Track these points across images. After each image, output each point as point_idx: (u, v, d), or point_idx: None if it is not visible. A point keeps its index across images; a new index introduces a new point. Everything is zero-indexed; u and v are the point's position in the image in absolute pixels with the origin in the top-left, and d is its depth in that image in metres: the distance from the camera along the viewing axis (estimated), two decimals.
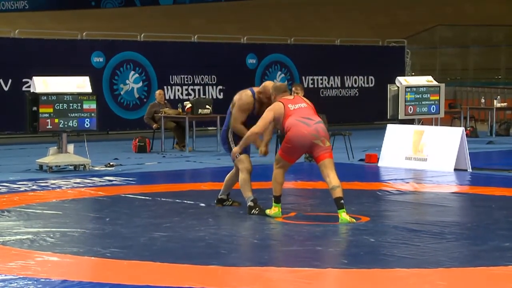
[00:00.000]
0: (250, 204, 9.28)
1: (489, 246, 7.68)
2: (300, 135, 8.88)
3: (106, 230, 8.53)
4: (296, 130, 8.88)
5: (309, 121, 8.95)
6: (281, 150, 9.15)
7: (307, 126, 8.89)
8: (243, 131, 9.29)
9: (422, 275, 6.69)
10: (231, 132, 9.49)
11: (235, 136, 9.46)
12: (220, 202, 9.85)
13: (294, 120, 8.92)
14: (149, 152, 16.80)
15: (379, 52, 25.42)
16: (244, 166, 9.36)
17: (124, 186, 11.88)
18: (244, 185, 9.34)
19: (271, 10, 37.75)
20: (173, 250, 7.57)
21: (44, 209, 9.76)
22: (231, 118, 9.44)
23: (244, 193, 9.35)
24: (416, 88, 16.70)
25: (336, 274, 6.69)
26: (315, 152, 8.93)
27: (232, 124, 9.42)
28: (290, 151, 8.99)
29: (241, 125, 9.38)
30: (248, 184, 9.31)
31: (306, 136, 8.88)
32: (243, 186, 9.35)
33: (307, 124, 8.91)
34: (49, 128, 13.63)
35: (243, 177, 9.34)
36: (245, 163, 9.37)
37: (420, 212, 9.57)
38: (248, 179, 9.32)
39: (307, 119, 8.95)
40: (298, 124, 8.89)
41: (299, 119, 8.93)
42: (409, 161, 14.04)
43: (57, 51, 20.06)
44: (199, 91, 22.05)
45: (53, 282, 6.41)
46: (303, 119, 8.94)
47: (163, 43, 22.26)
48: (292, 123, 8.92)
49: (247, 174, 9.32)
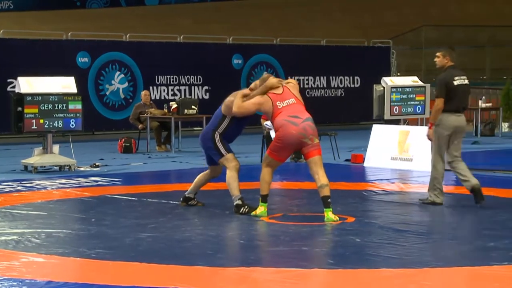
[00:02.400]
0: (238, 203, 9.26)
1: (474, 246, 7.71)
2: (289, 135, 8.96)
3: (91, 230, 8.51)
4: (284, 130, 8.97)
5: (297, 119, 9.02)
6: (270, 149, 9.19)
7: (295, 126, 8.97)
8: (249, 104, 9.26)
9: (408, 275, 6.70)
10: (220, 135, 9.40)
11: (224, 139, 9.39)
12: (185, 201, 9.81)
13: (283, 120, 9.00)
14: (135, 152, 16.77)
15: (365, 52, 25.46)
16: (232, 164, 9.33)
17: (109, 186, 11.85)
18: (232, 182, 9.29)
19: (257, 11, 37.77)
20: (159, 250, 7.56)
21: (29, 209, 9.73)
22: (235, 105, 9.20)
23: (232, 191, 9.32)
24: (402, 88, 16.75)
25: (323, 274, 6.69)
26: (304, 149, 9.05)
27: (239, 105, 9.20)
28: (279, 150, 9.07)
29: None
30: (236, 182, 9.29)
31: (294, 135, 8.97)
32: (231, 184, 9.30)
33: (295, 123, 8.98)
34: (34, 128, 13.58)
35: (231, 174, 9.30)
36: (232, 161, 9.35)
37: (406, 212, 9.60)
38: (236, 177, 9.29)
39: (295, 117, 9.02)
40: (286, 124, 8.98)
41: (287, 118, 9.00)
42: (395, 161, 14.07)
43: (42, 52, 19.99)
44: (185, 91, 22.03)
45: (38, 283, 6.38)
46: (291, 118, 9.01)
47: (148, 44, 22.23)
48: (280, 123, 9.01)
49: (235, 172, 9.30)
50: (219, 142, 9.39)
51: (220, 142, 9.39)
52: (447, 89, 9.83)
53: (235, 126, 9.44)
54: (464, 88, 10.02)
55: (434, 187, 10.03)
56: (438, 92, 9.90)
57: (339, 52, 24.98)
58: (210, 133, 9.47)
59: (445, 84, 9.85)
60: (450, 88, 9.85)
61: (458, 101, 9.92)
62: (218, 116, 9.47)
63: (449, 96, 9.82)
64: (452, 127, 9.89)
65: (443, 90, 9.83)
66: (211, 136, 9.43)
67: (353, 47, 25.69)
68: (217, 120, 9.46)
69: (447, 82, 9.87)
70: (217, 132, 9.42)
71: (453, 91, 9.86)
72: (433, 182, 10.04)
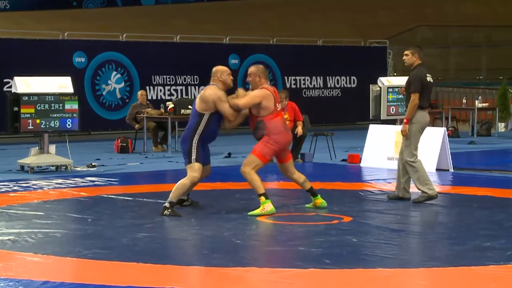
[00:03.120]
0: (166, 205, 9.23)
1: (470, 246, 7.72)
2: (285, 140, 9.46)
3: (88, 231, 8.51)
4: (283, 136, 9.41)
5: (286, 126, 9.63)
6: (262, 154, 9.28)
7: (287, 132, 9.52)
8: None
9: (404, 275, 6.71)
10: (200, 136, 9.25)
11: (201, 141, 9.27)
12: (179, 203, 9.72)
13: (280, 127, 9.41)
14: (131, 152, 16.76)
15: (361, 52, 25.48)
16: (193, 174, 9.26)
17: (106, 186, 11.84)
18: (179, 189, 9.24)
19: (254, 11, 37.77)
20: (155, 250, 7.56)
21: (25, 209, 9.72)
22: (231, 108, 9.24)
23: (172, 194, 9.24)
24: (398, 88, 16.73)
25: (319, 274, 6.70)
26: (283, 154, 9.51)
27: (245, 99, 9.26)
28: (273, 153, 9.41)
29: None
30: (183, 191, 9.29)
31: (288, 141, 9.55)
32: (178, 189, 9.23)
33: (287, 129, 9.57)
34: (30, 128, 13.58)
35: (184, 182, 9.25)
36: (195, 172, 9.26)
37: (402, 212, 9.60)
38: (187, 188, 9.28)
39: (285, 124, 9.58)
40: (283, 131, 9.43)
41: (284, 125, 9.49)
42: (391, 161, 14.07)
43: (38, 51, 19.98)
44: (181, 91, 22.03)
45: (34, 283, 6.38)
46: (285, 125, 9.54)
47: (145, 44, 22.23)
48: (278, 129, 9.37)
49: (190, 183, 9.27)
50: (195, 148, 9.26)
51: (196, 149, 9.26)
52: (422, 86, 10.07)
53: (215, 122, 9.30)
54: (432, 85, 10.34)
55: (424, 182, 10.11)
56: (415, 88, 10.08)
57: (336, 52, 24.99)
58: (188, 138, 9.30)
59: (420, 81, 10.07)
60: (424, 85, 10.09)
61: (428, 98, 10.26)
62: (195, 116, 9.29)
63: (422, 93, 10.07)
64: (425, 122, 10.20)
65: (419, 86, 10.05)
66: (189, 141, 9.28)
67: (350, 47, 25.71)
68: (195, 121, 9.28)
69: (421, 78, 10.10)
70: (197, 135, 9.24)
71: (425, 88, 10.13)
72: (421, 178, 10.13)
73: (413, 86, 10.08)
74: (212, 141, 9.56)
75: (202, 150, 9.35)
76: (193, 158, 9.28)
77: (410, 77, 10.23)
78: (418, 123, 10.13)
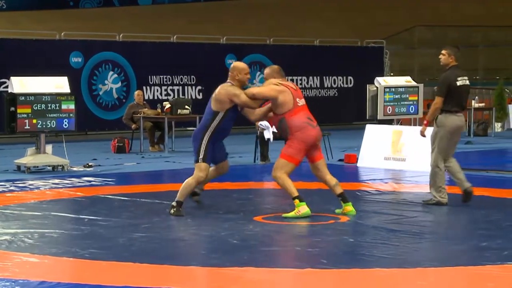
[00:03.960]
0: (173, 204, 9.25)
1: (467, 246, 7.72)
2: (311, 137, 9.11)
3: (85, 231, 8.50)
4: (306, 132, 9.08)
5: (312, 122, 9.25)
6: (288, 155, 9.06)
7: (312, 128, 9.16)
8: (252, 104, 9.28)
9: (401, 275, 6.71)
10: (212, 133, 9.30)
11: (212, 139, 9.27)
12: (192, 194, 9.75)
13: (303, 123, 9.13)
14: (128, 152, 16.75)
15: (358, 52, 25.48)
16: (199, 174, 9.25)
17: (103, 186, 11.83)
18: (185, 188, 9.25)
19: (251, 11, 37.78)
20: (152, 250, 7.55)
21: (22, 210, 9.71)
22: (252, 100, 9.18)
23: (179, 194, 9.26)
24: (395, 88, 16.76)
25: (316, 274, 6.69)
26: (314, 152, 9.16)
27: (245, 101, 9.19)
28: (299, 152, 9.10)
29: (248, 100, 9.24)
30: (188, 190, 9.28)
31: (314, 137, 9.15)
32: (184, 188, 9.25)
33: (312, 126, 9.20)
34: (27, 128, 13.56)
35: (190, 182, 9.25)
36: (202, 171, 9.25)
37: (399, 212, 9.60)
38: (192, 186, 9.27)
39: (310, 119, 9.23)
40: (306, 126, 9.14)
41: (306, 121, 9.19)
42: (388, 161, 14.09)
43: (35, 51, 19.94)
44: (178, 91, 22.01)
45: (31, 283, 6.37)
46: (308, 120, 9.20)
47: (142, 44, 22.20)
48: (300, 125, 9.09)
49: (195, 183, 9.27)
50: (204, 147, 9.26)
51: (205, 148, 9.25)
52: (449, 89, 9.79)
53: (228, 120, 9.30)
54: (465, 88, 10.02)
55: (438, 188, 9.96)
56: (439, 91, 9.86)
57: (333, 52, 24.99)
58: (199, 134, 9.33)
59: (448, 84, 9.81)
60: (452, 88, 9.81)
61: (459, 101, 9.91)
62: (209, 113, 9.32)
63: (450, 96, 9.78)
64: (454, 127, 9.86)
65: (444, 90, 9.79)
66: (201, 138, 9.29)
67: (347, 47, 25.71)
68: (208, 118, 9.30)
69: (450, 82, 9.83)
70: (208, 132, 9.26)
71: (455, 91, 9.82)
72: (437, 183, 9.97)
73: (438, 89, 9.85)
74: (223, 139, 9.50)
75: (212, 149, 9.31)
76: (200, 158, 9.26)
77: (439, 78, 10.00)
78: (445, 128, 9.81)
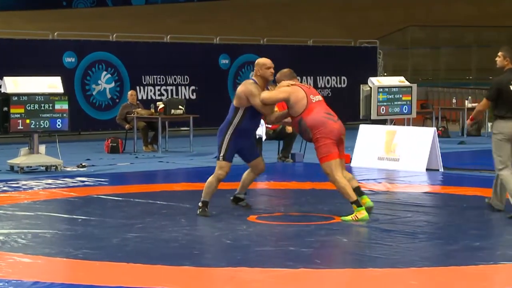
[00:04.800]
0: (199, 204, 9.24)
1: (460, 245, 7.73)
2: (335, 129, 8.93)
3: (78, 231, 8.49)
4: (327, 126, 8.91)
5: (332, 116, 9.07)
6: (322, 156, 8.90)
7: (334, 122, 8.99)
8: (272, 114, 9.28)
9: (395, 275, 6.72)
10: (234, 131, 9.20)
11: (235, 136, 9.19)
12: (235, 201, 9.68)
13: (321, 118, 8.95)
14: (122, 152, 16.73)
15: (352, 52, 25.49)
16: (219, 172, 9.22)
17: (96, 187, 11.82)
18: (208, 187, 9.24)
19: (244, 11, 37.79)
20: (146, 251, 7.55)
21: (15, 210, 9.69)
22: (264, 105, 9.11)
23: (203, 193, 9.26)
24: (389, 88, 16.76)
25: (309, 274, 6.70)
26: (337, 148, 8.98)
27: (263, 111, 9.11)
28: (330, 146, 8.89)
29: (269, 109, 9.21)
30: (211, 188, 9.24)
31: (338, 129, 8.96)
32: (207, 188, 9.24)
33: (333, 120, 9.01)
34: (20, 128, 13.53)
35: (210, 181, 9.24)
36: (221, 169, 9.21)
37: (392, 212, 9.61)
38: (214, 186, 9.23)
39: (330, 114, 9.07)
40: (327, 121, 8.94)
41: (325, 115, 8.99)
42: (382, 161, 14.10)
43: (28, 51, 19.92)
44: (171, 91, 21.99)
45: (24, 283, 6.36)
46: (327, 114, 9.02)
47: (135, 43, 22.18)
48: (320, 120, 8.93)
49: (216, 181, 9.24)
50: (226, 144, 9.19)
51: (227, 144, 9.19)
52: (500, 93, 9.27)
53: (250, 118, 9.21)
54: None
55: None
56: (487, 94, 9.49)
57: (326, 52, 24.99)
58: (222, 131, 9.28)
59: (497, 88, 9.31)
60: (504, 93, 9.28)
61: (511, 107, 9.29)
62: (232, 109, 9.28)
63: (502, 100, 9.29)
64: (506, 134, 9.29)
65: (492, 94, 9.36)
66: (224, 133, 9.23)
67: (340, 47, 25.72)
68: (231, 115, 9.26)
69: (501, 86, 9.30)
70: (231, 129, 9.19)
71: (508, 96, 9.26)
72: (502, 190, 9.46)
73: (488, 92, 9.46)
74: (248, 137, 9.36)
75: (235, 145, 9.22)
76: (221, 155, 9.21)
77: (492, 81, 9.56)
78: (497, 134, 9.31)
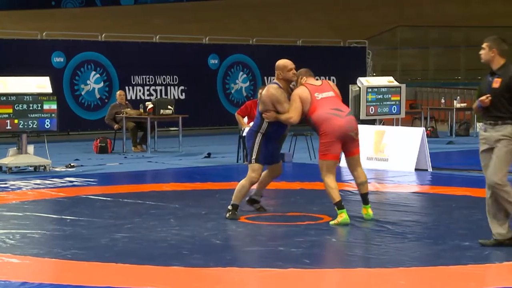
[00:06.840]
0: (229, 207, 9.15)
1: (449, 245, 7.74)
2: (336, 127, 8.66)
3: (66, 231, 8.47)
4: (330, 123, 8.67)
5: (340, 112, 8.75)
6: (321, 153, 8.78)
7: (339, 118, 8.70)
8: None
9: (384, 275, 6.72)
10: (263, 135, 9.10)
11: (265, 139, 9.09)
12: (250, 202, 9.58)
13: (325, 114, 8.68)
14: (111, 152, 16.70)
15: (341, 52, 25.52)
16: (252, 174, 9.10)
17: (85, 187, 11.80)
18: (239, 191, 9.12)
19: (233, 11, 37.77)
20: (134, 251, 7.53)
21: (3, 210, 9.66)
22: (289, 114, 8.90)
23: (234, 196, 9.15)
24: (377, 88, 16.80)
25: (298, 274, 6.70)
26: (348, 146, 8.79)
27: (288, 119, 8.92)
28: (330, 146, 8.69)
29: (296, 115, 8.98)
30: (243, 192, 9.12)
31: (342, 127, 8.67)
32: (238, 191, 9.12)
33: (339, 116, 8.70)
34: (8, 128, 13.49)
35: (243, 184, 9.12)
36: (254, 172, 9.10)
37: (381, 212, 9.62)
38: (247, 189, 9.13)
39: (338, 110, 8.75)
40: (331, 117, 8.68)
41: (330, 111, 8.70)
42: (370, 161, 14.11)
43: (16, 51, 19.87)
44: (160, 91, 21.98)
45: (12, 284, 6.34)
46: (333, 110, 8.72)
47: (124, 43, 22.16)
48: (323, 117, 8.68)
49: (249, 185, 9.13)
50: (257, 147, 9.10)
51: (258, 147, 9.10)
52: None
53: (276, 122, 9.07)
54: None
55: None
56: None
57: (315, 52, 25.00)
58: (253, 134, 9.19)
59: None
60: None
61: None
62: (259, 113, 9.18)
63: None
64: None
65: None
66: (254, 137, 9.15)
67: (329, 47, 25.74)
68: (258, 120, 9.17)
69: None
70: (260, 133, 9.12)
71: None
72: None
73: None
74: (277, 140, 9.24)
75: (266, 148, 9.12)
76: (253, 158, 9.11)
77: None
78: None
